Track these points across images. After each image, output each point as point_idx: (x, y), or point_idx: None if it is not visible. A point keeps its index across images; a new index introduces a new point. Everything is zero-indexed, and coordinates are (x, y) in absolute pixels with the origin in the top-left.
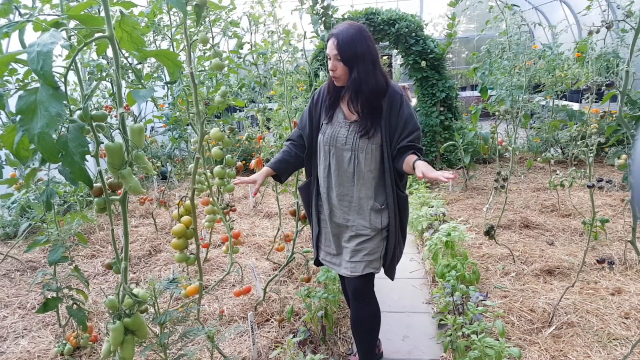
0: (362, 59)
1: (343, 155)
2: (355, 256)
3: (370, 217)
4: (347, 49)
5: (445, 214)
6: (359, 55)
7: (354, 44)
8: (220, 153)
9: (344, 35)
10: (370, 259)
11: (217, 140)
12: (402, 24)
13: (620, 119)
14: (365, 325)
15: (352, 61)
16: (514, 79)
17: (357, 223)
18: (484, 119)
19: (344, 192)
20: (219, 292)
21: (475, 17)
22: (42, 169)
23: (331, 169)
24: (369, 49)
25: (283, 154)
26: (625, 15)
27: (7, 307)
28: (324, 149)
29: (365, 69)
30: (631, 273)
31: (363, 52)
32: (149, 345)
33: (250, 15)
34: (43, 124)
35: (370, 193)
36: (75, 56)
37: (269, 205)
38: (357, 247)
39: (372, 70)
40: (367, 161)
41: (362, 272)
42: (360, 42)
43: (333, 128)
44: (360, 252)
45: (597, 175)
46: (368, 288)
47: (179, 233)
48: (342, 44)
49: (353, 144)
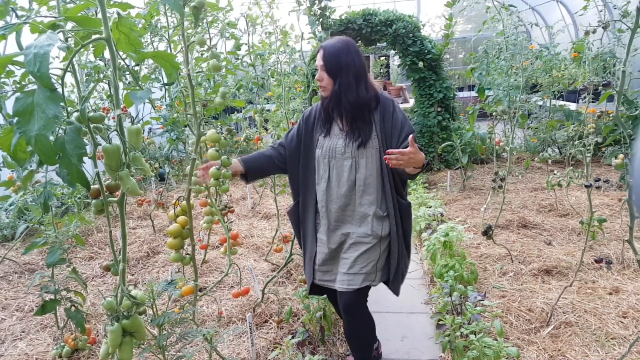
0: (345, 72)
1: (343, 165)
2: (353, 267)
3: (373, 224)
4: (331, 60)
5: (443, 214)
6: (342, 67)
7: (338, 57)
8: (216, 154)
9: (330, 48)
10: (368, 271)
11: (213, 142)
12: (400, 24)
13: (617, 118)
14: (357, 339)
15: (335, 73)
16: (511, 79)
17: (360, 232)
18: (482, 119)
19: (346, 203)
20: (218, 294)
21: (473, 17)
22: (40, 171)
23: (331, 181)
24: (353, 63)
25: (260, 155)
26: (621, 16)
27: (5, 309)
28: (323, 162)
29: (347, 82)
30: (629, 272)
31: (347, 64)
32: (147, 347)
33: (248, 17)
34: (40, 126)
35: (372, 199)
36: (72, 58)
37: (267, 207)
38: (357, 258)
39: (354, 83)
40: (368, 166)
41: (360, 284)
42: (345, 55)
43: (331, 140)
44: (358, 264)
45: (594, 175)
46: (360, 303)
47: (174, 233)
48: (327, 56)
49: (352, 151)
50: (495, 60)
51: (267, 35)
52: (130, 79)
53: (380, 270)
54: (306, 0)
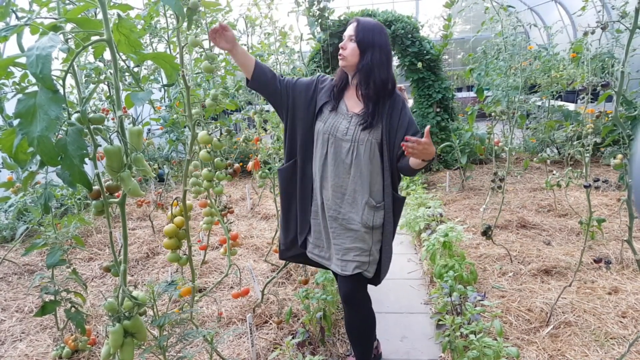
0: (377, 49)
1: (342, 146)
2: (347, 255)
3: (364, 213)
4: (365, 34)
5: (442, 215)
6: (375, 44)
7: (373, 33)
8: (208, 156)
9: (366, 22)
10: (362, 260)
11: (204, 144)
12: (398, 25)
13: (615, 119)
14: (356, 330)
15: (367, 46)
16: (509, 79)
17: (349, 217)
18: (481, 120)
19: (339, 183)
20: (217, 294)
21: (471, 18)
22: (40, 172)
23: (328, 158)
24: (386, 44)
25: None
26: (620, 16)
27: (5, 310)
28: (322, 137)
29: (380, 59)
30: (628, 272)
31: (380, 44)
32: (147, 348)
33: (247, 18)
34: (42, 127)
35: (365, 187)
36: (73, 59)
37: (267, 207)
38: (349, 245)
39: (385, 62)
40: (366, 154)
41: (351, 271)
42: (379, 35)
43: (335, 118)
44: (352, 252)
45: (593, 175)
46: (359, 292)
47: (170, 233)
48: (361, 28)
49: (354, 135)
50: (494, 60)
51: (266, 36)
52: (130, 80)
53: (374, 261)
54: (305, 1)
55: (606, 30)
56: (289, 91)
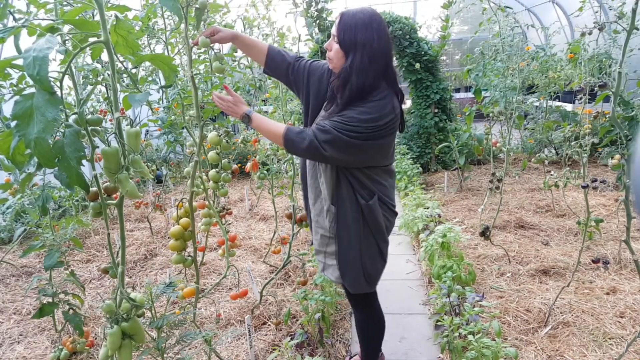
0: (360, 49)
1: None
2: (329, 259)
3: (323, 206)
4: (347, 33)
5: (440, 215)
6: (358, 43)
7: (356, 31)
8: (216, 157)
9: (349, 18)
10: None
11: (214, 145)
12: (396, 26)
13: (613, 119)
14: (359, 329)
15: (349, 48)
16: (507, 80)
17: (315, 208)
18: (478, 120)
19: (312, 178)
20: (216, 296)
21: (469, 19)
22: (38, 174)
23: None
24: (371, 40)
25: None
26: (617, 17)
27: (3, 312)
28: None
29: (361, 61)
30: (626, 272)
31: (364, 41)
32: (146, 350)
33: (245, 19)
34: (40, 129)
35: (328, 192)
36: (71, 61)
37: (265, 208)
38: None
39: (367, 64)
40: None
41: (335, 279)
42: (364, 31)
43: (322, 117)
44: (319, 255)
45: (591, 175)
46: (357, 295)
47: (176, 235)
48: (343, 26)
49: None
50: (492, 61)
51: (264, 37)
52: (128, 82)
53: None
54: (303, 2)
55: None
56: (304, 79)
